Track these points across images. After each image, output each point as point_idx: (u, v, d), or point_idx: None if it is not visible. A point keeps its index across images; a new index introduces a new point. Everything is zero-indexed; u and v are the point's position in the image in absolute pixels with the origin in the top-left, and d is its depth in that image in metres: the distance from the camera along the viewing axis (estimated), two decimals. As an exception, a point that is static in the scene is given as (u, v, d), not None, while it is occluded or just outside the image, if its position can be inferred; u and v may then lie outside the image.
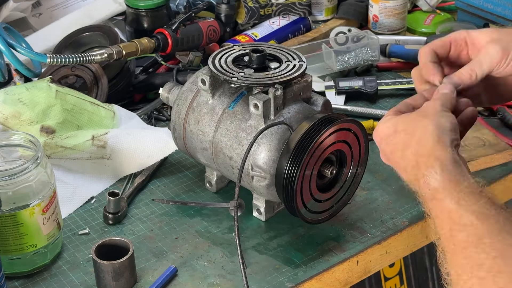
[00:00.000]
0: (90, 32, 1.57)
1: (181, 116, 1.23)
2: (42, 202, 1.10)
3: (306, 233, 1.20)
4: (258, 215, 1.23)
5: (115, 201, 1.22)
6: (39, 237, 1.11)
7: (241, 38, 1.66)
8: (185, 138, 1.23)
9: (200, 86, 1.20)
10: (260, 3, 1.72)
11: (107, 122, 1.35)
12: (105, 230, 1.22)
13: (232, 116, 1.17)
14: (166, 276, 1.11)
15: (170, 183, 1.32)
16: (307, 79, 1.18)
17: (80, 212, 1.26)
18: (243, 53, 1.22)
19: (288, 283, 1.11)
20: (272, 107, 1.13)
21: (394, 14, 1.74)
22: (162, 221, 1.23)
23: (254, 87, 1.15)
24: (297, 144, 1.10)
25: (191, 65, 1.54)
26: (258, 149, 1.13)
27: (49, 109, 1.29)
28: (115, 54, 1.41)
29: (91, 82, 1.46)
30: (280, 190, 1.12)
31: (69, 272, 1.14)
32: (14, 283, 1.12)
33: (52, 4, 1.76)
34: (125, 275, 1.09)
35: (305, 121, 1.13)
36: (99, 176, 1.31)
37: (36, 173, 1.09)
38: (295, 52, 1.22)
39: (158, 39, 1.51)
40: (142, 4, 1.63)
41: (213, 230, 1.21)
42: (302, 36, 1.73)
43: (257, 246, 1.18)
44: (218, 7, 1.67)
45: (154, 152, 1.31)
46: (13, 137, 1.15)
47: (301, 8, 1.75)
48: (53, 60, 1.35)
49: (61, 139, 1.28)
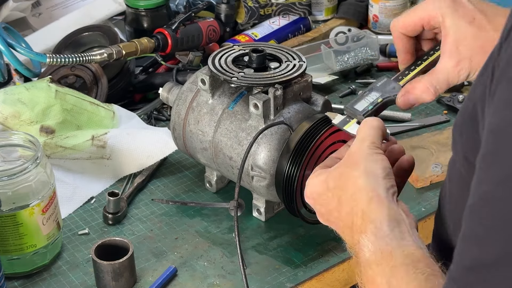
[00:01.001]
0: (90, 32, 1.57)
1: (181, 116, 1.23)
2: (42, 202, 1.10)
3: (306, 233, 1.20)
4: (258, 215, 1.22)
5: (115, 201, 1.22)
6: (38, 237, 1.11)
7: (241, 38, 1.66)
8: (185, 138, 1.23)
9: (200, 86, 1.20)
10: (260, 3, 1.72)
11: (107, 122, 1.35)
12: (105, 230, 1.22)
13: (232, 116, 1.17)
14: (166, 276, 1.11)
15: (170, 183, 1.32)
16: (307, 79, 1.18)
17: (79, 212, 1.26)
18: (243, 53, 1.22)
19: (288, 283, 1.11)
20: (272, 107, 1.13)
21: (394, 14, 1.74)
22: (162, 221, 1.23)
23: (254, 87, 1.14)
24: (297, 144, 1.10)
25: (191, 65, 1.53)
26: (258, 149, 1.13)
27: (49, 109, 1.29)
28: (115, 54, 1.41)
29: (91, 82, 1.46)
30: (280, 190, 1.12)
31: (69, 272, 1.14)
32: (13, 283, 1.12)
33: (52, 4, 1.76)
34: (125, 275, 1.09)
35: (305, 121, 1.13)
36: (99, 176, 1.31)
37: (35, 173, 1.08)
38: (295, 52, 1.22)
39: (158, 39, 1.51)
40: (142, 4, 1.62)
41: (213, 230, 1.21)
42: (302, 36, 1.73)
43: (257, 246, 1.18)
44: (218, 7, 1.67)
45: (154, 152, 1.31)
46: (13, 137, 1.15)
47: (301, 8, 1.75)
48: (53, 60, 1.35)
49: (61, 139, 1.28)
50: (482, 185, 0.62)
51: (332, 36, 1.69)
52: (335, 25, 1.76)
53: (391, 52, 1.66)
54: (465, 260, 0.63)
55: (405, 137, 1.40)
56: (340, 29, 1.72)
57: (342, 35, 1.68)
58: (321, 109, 1.19)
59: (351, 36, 1.66)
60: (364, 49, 1.62)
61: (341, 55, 1.61)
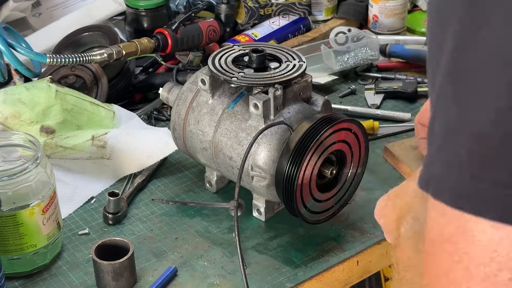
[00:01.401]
0: (90, 32, 1.57)
1: (181, 116, 1.23)
2: (42, 202, 1.10)
3: (306, 233, 1.20)
4: (258, 215, 1.22)
5: (115, 201, 1.22)
6: (39, 237, 1.11)
7: (241, 38, 1.66)
8: (185, 138, 1.23)
9: (200, 86, 1.20)
10: (260, 3, 1.72)
11: (107, 122, 1.35)
12: (105, 230, 1.22)
13: (232, 116, 1.17)
14: (166, 276, 1.11)
15: (170, 183, 1.32)
16: (307, 79, 1.18)
17: (80, 212, 1.26)
18: (243, 53, 1.22)
19: (288, 283, 1.11)
20: (272, 107, 1.13)
21: (394, 14, 1.74)
22: (162, 221, 1.23)
23: (254, 87, 1.14)
24: (297, 144, 1.10)
25: (191, 65, 1.54)
26: (258, 149, 1.13)
27: (49, 109, 1.29)
28: (115, 54, 1.41)
29: (91, 82, 1.46)
30: (280, 190, 1.12)
31: (69, 272, 1.14)
32: (14, 283, 1.12)
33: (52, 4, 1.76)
34: (125, 275, 1.09)
35: (305, 121, 1.13)
36: (99, 176, 1.31)
37: (36, 173, 1.09)
38: (295, 52, 1.22)
39: (158, 39, 1.51)
40: (142, 4, 1.63)
41: (213, 230, 1.21)
42: (302, 36, 1.73)
43: (257, 246, 1.18)
44: (218, 7, 1.67)
45: (154, 152, 1.31)
46: (13, 137, 1.15)
47: (301, 8, 1.75)
48: (53, 60, 1.35)
49: (61, 139, 1.28)
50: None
51: (332, 36, 1.69)
52: (335, 25, 1.76)
53: (391, 52, 1.66)
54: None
55: (405, 137, 1.41)
56: (340, 29, 1.72)
57: (342, 35, 1.68)
58: (321, 109, 1.19)
59: (351, 36, 1.66)
60: (364, 49, 1.62)
61: (341, 55, 1.61)
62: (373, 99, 1.53)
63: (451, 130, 0.53)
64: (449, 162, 0.53)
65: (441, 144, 0.54)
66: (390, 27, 1.75)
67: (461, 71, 0.52)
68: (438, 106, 0.55)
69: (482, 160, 0.51)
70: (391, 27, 1.75)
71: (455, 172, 0.52)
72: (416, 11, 1.85)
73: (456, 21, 0.53)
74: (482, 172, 0.51)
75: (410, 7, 1.83)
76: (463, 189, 0.52)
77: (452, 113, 0.53)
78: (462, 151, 0.52)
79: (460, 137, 0.52)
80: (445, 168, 0.53)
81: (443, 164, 0.53)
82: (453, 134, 0.53)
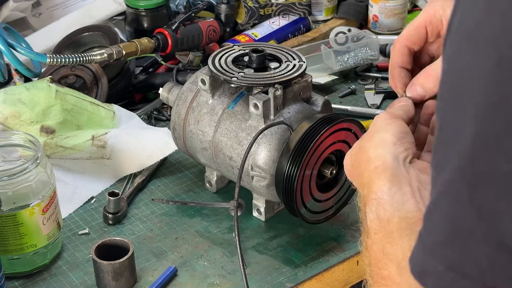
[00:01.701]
0: (90, 32, 1.57)
1: (181, 116, 1.23)
2: (42, 202, 1.10)
3: (306, 233, 1.20)
4: (258, 215, 1.22)
5: (115, 201, 1.22)
6: (39, 237, 1.11)
7: (241, 38, 1.66)
8: (185, 138, 1.23)
9: (200, 86, 1.20)
10: (260, 3, 1.72)
11: (107, 122, 1.35)
12: (105, 230, 1.22)
13: (232, 116, 1.17)
14: (166, 276, 1.11)
15: (170, 183, 1.32)
16: (307, 79, 1.18)
17: (80, 212, 1.26)
18: (243, 53, 1.22)
19: (288, 283, 1.11)
20: (272, 107, 1.13)
21: (394, 14, 1.74)
22: (162, 221, 1.23)
23: (254, 87, 1.15)
24: (297, 144, 1.10)
25: (191, 65, 1.54)
26: (258, 149, 1.13)
27: (49, 109, 1.29)
28: (115, 54, 1.41)
29: (91, 82, 1.46)
30: (280, 190, 1.12)
31: (69, 272, 1.14)
32: (14, 283, 1.12)
33: (52, 4, 1.76)
34: (125, 275, 1.09)
35: (305, 121, 1.13)
36: (99, 176, 1.31)
37: (36, 173, 1.09)
38: (295, 52, 1.22)
39: (158, 39, 1.51)
40: (142, 4, 1.63)
41: (213, 230, 1.21)
42: (302, 36, 1.73)
43: (257, 246, 1.18)
44: (218, 7, 1.67)
45: (154, 152, 1.31)
46: (13, 137, 1.15)
47: (301, 8, 1.75)
48: (53, 60, 1.35)
49: (61, 139, 1.28)
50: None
51: (332, 36, 1.69)
52: (335, 25, 1.76)
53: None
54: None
55: (405, 137, 1.40)
56: (340, 29, 1.72)
57: (342, 35, 1.68)
58: (321, 109, 1.19)
59: (351, 36, 1.67)
60: (364, 49, 1.62)
61: (341, 55, 1.61)
62: (373, 99, 1.53)
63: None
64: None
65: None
66: (390, 27, 1.75)
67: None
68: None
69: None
70: (391, 27, 1.75)
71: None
72: (416, 11, 1.85)
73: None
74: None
75: (410, 7, 1.83)
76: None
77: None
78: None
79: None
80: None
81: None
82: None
